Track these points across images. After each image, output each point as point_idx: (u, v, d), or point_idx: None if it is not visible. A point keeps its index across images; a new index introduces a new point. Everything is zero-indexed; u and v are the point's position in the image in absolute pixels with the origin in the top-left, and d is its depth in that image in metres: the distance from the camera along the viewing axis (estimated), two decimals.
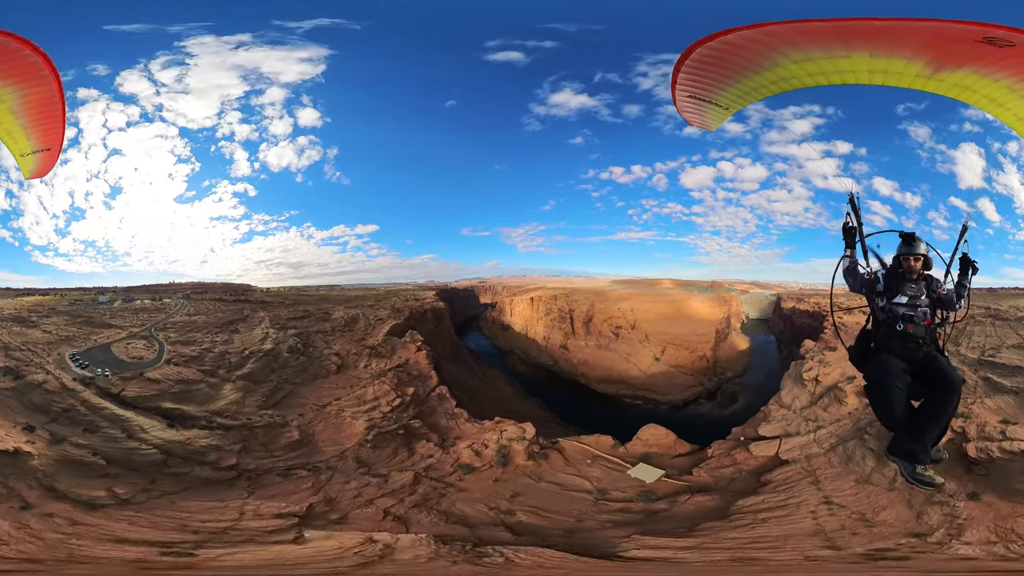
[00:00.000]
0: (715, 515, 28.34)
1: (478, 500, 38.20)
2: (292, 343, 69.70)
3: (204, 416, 49.43)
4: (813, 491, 28.36)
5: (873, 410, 8.04)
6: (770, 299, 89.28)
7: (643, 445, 42.33)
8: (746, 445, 37.10)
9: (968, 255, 8.51)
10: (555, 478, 39.71)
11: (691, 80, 9.07)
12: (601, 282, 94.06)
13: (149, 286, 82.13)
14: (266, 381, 58.95)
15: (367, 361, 68.06)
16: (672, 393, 76.51)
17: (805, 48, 7.92)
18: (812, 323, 76.96)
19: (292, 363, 65.13)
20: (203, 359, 60.61)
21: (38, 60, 8.94)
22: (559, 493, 36.96)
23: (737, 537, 25.54)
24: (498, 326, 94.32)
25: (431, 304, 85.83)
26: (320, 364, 66.64)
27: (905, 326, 8.10)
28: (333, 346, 72.26)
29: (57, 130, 11.10)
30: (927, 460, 7.68)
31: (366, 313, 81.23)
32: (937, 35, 7.13)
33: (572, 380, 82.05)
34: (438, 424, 57.24)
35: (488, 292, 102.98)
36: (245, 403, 53.27)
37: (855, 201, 8.80)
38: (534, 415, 72.11)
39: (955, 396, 7.61)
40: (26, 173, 12.23)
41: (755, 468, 34.37)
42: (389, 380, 61.96)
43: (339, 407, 55.74)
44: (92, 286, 77.79)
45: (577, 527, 30.94)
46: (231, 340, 67.95)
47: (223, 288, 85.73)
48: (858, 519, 26.19)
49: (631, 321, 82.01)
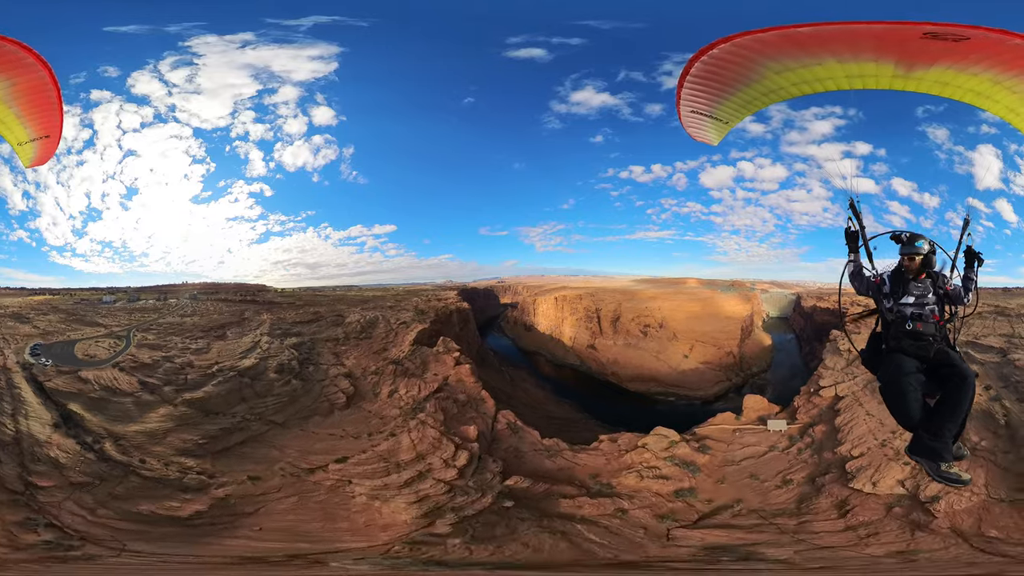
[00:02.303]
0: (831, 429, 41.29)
1: (754, 510, 34.09)
2: (285, 358, 55.54)
3: (97, 433, 37.80)
4: (859, 408, 41.76)
5: (890, 411, 7.97)
6: (790, 298, 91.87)
7: (753, 411, 46.95)
8: (817, 393, 46.90)
9: (972, 248, 8.54)
10: (734, 456, 40.95)
11: (692, 95, 9.37)
12: (621, 281, 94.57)
13: (162, 286, 79.52)
14: (224, 413, 43.12)
15: (392, 384, 52.54)
16: (703, 388, 77.54)
17: (779, 59, 8.23)
18: (833, 320, 79.51)
19: (277, 388, 49.73)
20: (155, 369, 49.81)
21: (17, 50, 9.01)
22: (763, 462, 39.46)
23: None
24: (521, 326, 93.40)
25: (455, 304, 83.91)
26: (320, 392, 51.24)
27: (914, 325, 8.12)
28: (344, 360, 59.34)
29: (54, 117, 11.10)
30: (950, 457, 7.56)
31: (386, 316, 75.26)
32: (886, 35, 7.34)
33: (602, 380, 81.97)
34: (541, 468, 41.42)
35: (509, 292, 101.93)
36: (166, 438, 38.29)
37: (855, 206, 8.89)
38: (571, 417, 71.65)
39: (969, 390, 7.60)
40: (25, 162, 12.20)
41: (828, 404, 45.19)
42: (433, 419, 43.68)
43: (342, 475, 36.38)
44: (108, 286, 75.88)
45: None
46: (207, 349, 58.31)
47: (236, 288, 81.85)
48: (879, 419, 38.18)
49: (659, 319, 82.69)
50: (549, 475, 39.95)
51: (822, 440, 40.09)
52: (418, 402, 48.53)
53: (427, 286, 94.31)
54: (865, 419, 39.59)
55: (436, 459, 38.96)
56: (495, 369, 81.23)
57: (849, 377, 47.05)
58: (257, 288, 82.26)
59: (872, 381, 40.87)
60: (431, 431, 41.63)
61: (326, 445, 41.29)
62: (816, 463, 37.82)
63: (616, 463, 40.45)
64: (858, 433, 38.65)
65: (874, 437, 37.53)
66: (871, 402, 40.95)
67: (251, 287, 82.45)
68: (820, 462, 37.68)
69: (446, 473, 37.55)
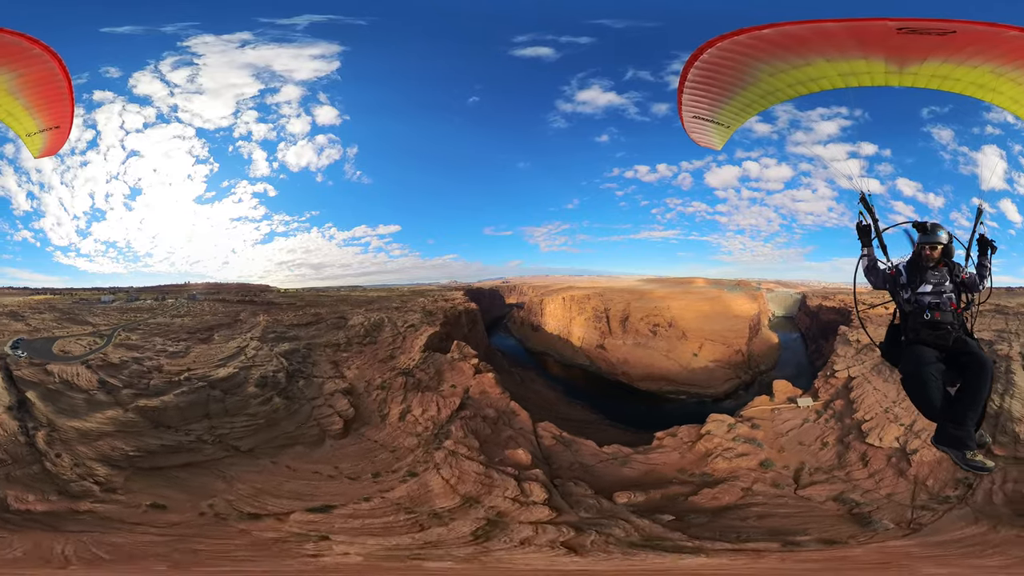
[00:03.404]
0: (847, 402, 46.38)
1: (818, 468, 36.84)
2: (271, 369, 48.47)
3: (39, 420, 35.40)
4: (868, 385, 46.69)
5: (912, 401, 7.96)
6: (795, 297, 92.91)
7: (783, 394, 51.67)
8: (833, 375, 52.21)
9: (986, 235, 8.57)
10: (781, 429, 44.17)
11: (693, 100, 9.36)
12: (626, 281, 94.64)
13: (166, 287, 78.53)
14: (177, 429, 37.27)
15: (403, 401, 45.49)
16: (713, 386, 77.79)
17: (769, 61, 8.24)
18: (839, 319, 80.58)
19: (253, 407, 42.17)
20: (121, 369, 46.33)
21: (20, 41, 8.95)
22: (803, 431, 43.46)
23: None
24: (528, 327, 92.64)
25: (463, 305, 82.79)
26: (310, 415, 43.44)
27: (932, 314, 8.13)
28: (345, 370, 52.46)
29: (64, 107, 11.01)
30: (974, 445, 7.58)
31: (392, 318, 71.62)
32: (861, 32, 7.39)
33: (612, 380, 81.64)
34: (624, 476, 37.09)
35: (514, 292, 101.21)
36: (97, 440, 34.11)
37: (867, 199, 8.86)
38: (586, 419, 70.92)
39: (988, 377, 7.68)
40: (35, 152, 12.09)
41: (843, 383, 49.58)
42: (466, 446, 35.93)
43: (310, 528, 25.71)
44: (111, 287, 75.00)
45: None
46: (184, 352, 53.98)
47: (238, 289, 79.76)
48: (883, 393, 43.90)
49: (668, 319, 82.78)
50: (640, 482, 36.77)
51: (841, 411, 44.70)
52: (440, 425, 41.04)
53: (432, 286, 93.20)
54: (872, 392, 44.65)
55: (498, 499, 29.79)
56: (504, 371, 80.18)
57: (858, 362, 52.24)
58: (260, 288, 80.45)
59: (877, 363, 48.56)
60: (469, 464, 32.99)
61: (301, 487, 31.31)
62: (840, 428, 42.28)
63: (691, 454, 40.28)
64: (868, 403, 43.37)
65: (880, 406, 42.19)
66: (876, 380, 46.57)
67: (254, 287, 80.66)
68: (843, 427, 42.18)
69: (531, 513, 28.62)
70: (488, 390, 49.42)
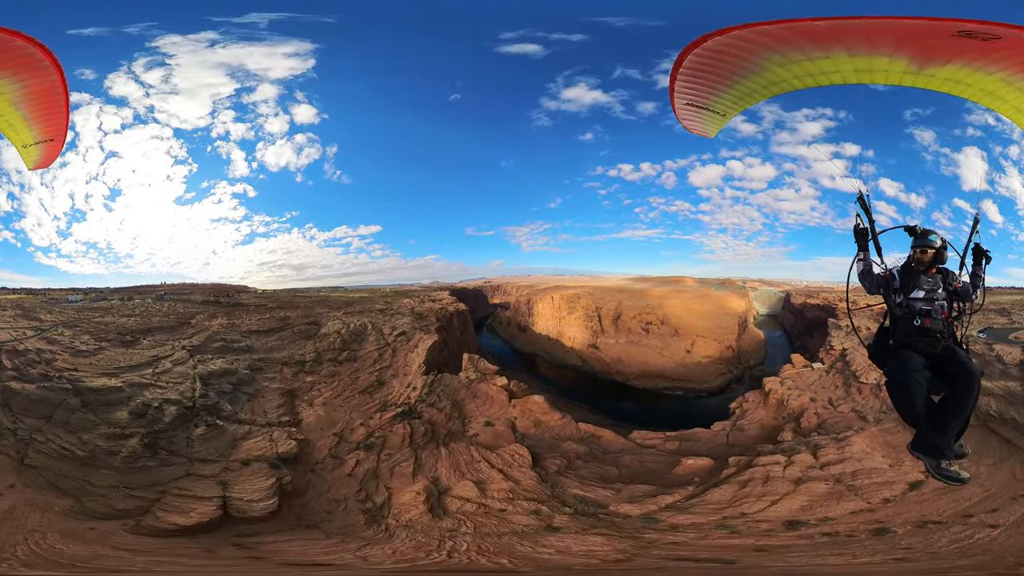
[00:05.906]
0: (844, 363, 58.22)
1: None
2: (171, 396, 36.67)
3: None
4: (856, 352, 56.46)
5: (894, 406, 7.98)
6: (779, 296, 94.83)
7: (799, 363, 62.54)
8: (831, 348, 63.39)
9: (980, 245, 8.62)
10: (808, 381, 55.33)
11: (688, 87, 9.27)
12: (610, 280, 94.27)
13: (145, 287, 74.07)
14: (15, 414, 31.66)
15: (416, 470, 30.15)
16: (707, 381, 78.09)
17: (784, 51, 8.28)
18: (823, 316, 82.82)
19: (98, 432, 31.63)
20: (22, 356, 42.11)
21: (35, 51, 8.83)
22: (820, 383, 54.63)
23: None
24: (515, 327, 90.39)
25: (453, 306, 79.84)
26: (165, 490, 27.80)
27: (923, 321, 8.12)
28: (302, 407, 37.36)
29: (60, 120, 11.01)
30: (951, 456, 7.62)
31: (377, 323, 61.73)
32: (911, 32, 7.49)
33: (606, 379, 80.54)
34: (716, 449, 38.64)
35: (498, 292, 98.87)
36: None
37: (864, 201, 8.77)
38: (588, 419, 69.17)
39: (975, 388, 7.67)
40: (29, 164, 12.00)
41: (839, 353, 59.88)
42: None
43: None
44: (89, 287, 72.25)
45: None
46: (94, 353, 47.83)
47: (212, 289, 74.28)
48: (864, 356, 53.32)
49: (660, 316, 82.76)
50: (769, 435, 44.01)
51: (841, 368, 56.12)
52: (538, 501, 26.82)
53: (414, 287, 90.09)
54: (861, 355, 54.39)
55: None
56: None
57: (849, 340, 62.63)
58: (237, 289, 75.33)
59: (867, 337, 56.89)
60: None
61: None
62: (844, 378, 53.55)
63: (772, 403, 49.73)
64: (857, 362, 54.13)
65: (864, 362, 52.77)
66: (860, 348, 56.49)
67: (229, 288, 75.52)
68: (845, 377, 53.43)
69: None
70: (543, 418, 36.35)
